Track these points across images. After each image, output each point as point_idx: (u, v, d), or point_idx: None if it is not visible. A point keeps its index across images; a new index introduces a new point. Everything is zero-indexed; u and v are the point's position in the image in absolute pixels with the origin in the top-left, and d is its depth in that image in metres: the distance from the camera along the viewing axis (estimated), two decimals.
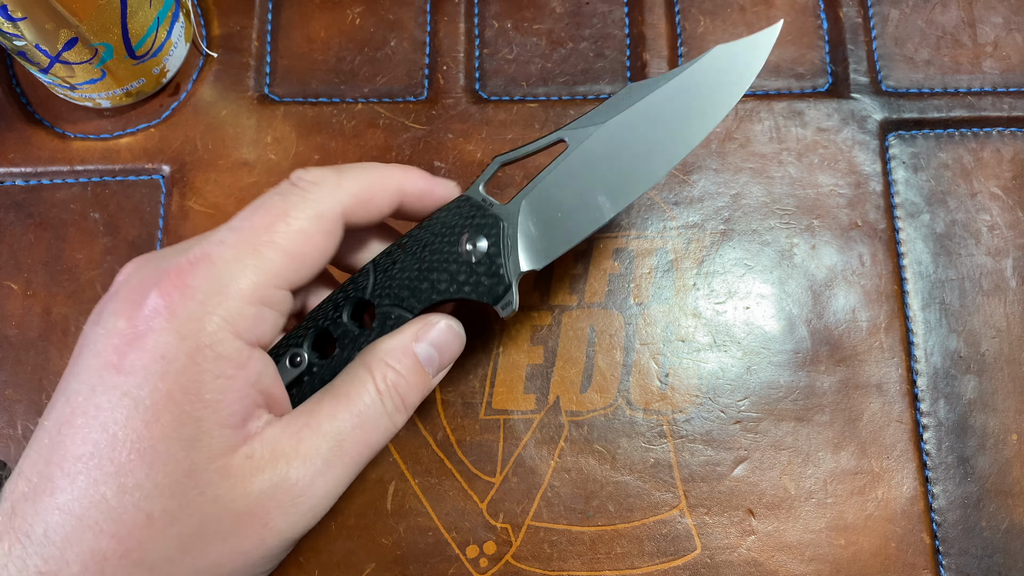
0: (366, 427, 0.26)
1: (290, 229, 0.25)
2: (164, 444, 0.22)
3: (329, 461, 0.25)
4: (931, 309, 0.38)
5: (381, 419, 0.26)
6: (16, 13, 0.32)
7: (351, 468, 0.26)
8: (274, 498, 0.24)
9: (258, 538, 0.24)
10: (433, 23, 0.41)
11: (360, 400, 0.26)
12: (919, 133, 0.40)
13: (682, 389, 0.36)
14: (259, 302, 0.24)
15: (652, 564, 0.34)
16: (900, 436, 0.36)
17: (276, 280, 0.25)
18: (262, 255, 0.25)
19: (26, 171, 0.39)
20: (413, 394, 0.27)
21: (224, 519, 0.23)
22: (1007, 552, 0.35)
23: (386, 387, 0.26)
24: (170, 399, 0.23)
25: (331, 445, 0.25)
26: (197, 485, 0.23)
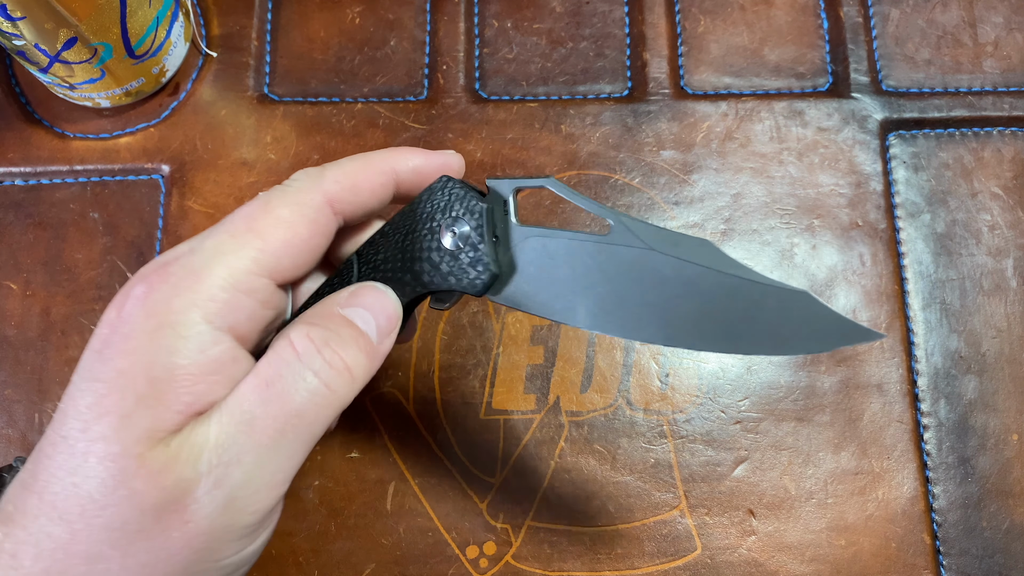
0: (281, 396, 0.23)
1: (269, 218, 0.24)
2: (104, 422, 0.22)
3: (241, 446, 0.22)
4: (932, 309, 0.37)
5: (299, 381, 0.23)
6: (15, 12, 0.32)
7: (273, 451, 0.23)
8: (188, 493, 0.22)
9: (183, 539, 0.22)
10: (433, 22, 0.41)
11: (270, 367, 0.23)
12: (920, 133, 0.40)
13: (682, 389, 0.36)
14: (233, 288, 0.23)
15: (652, 564, 0.34)
16: (901, 436, 0.36)
17: (254, 267, 0.24)
18: (240, 243, 0.24)
19: (25, 171, 0.39)
20: (350, 351, 0.24)
21: (146, 514, 0.21)
22: (1008, 552, 0.35)
23: (307, 344, 0.23)
24: (121, 375, 0.22)
25: (241, 428, 0.22)
26: (121, 472, 0.21)
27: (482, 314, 0.37)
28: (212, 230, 0.25)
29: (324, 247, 0.26)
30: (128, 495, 0.21)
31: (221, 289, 0.23)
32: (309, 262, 0.26)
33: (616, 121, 0.40)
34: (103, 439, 0.22)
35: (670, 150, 0.39)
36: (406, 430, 0.36)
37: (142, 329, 0.22)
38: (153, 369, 0.22)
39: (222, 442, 0.22)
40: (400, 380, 0.36)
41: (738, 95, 0.40)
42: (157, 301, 0.23)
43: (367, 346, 0.25)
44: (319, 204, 0.25)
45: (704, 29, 0.41)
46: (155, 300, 0.23)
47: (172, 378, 0.22)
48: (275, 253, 0.24)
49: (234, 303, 0.23)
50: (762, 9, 0.42)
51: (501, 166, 0.39)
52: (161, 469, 0.21)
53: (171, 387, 0.22)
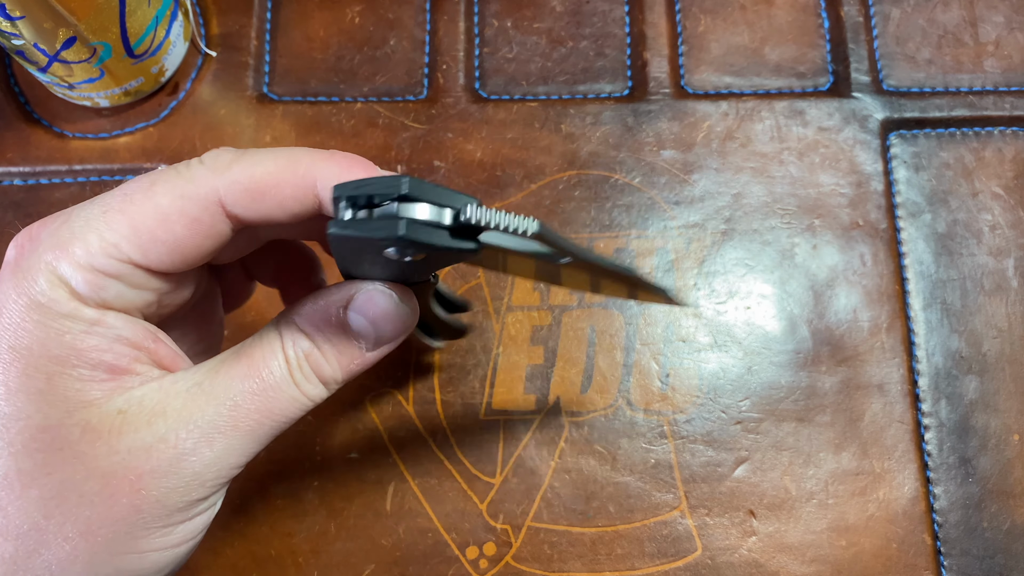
0: (268, 396, 0.23)
1: (147, 204, 0.22)
2: (11, 399, 0.21)
3: (218, 427, 0.22)
4: (932, 309, 0.37)
5: (287, 389, 0.23)
6: (14, 12, 0.32)
7: (247, 439, 0.23)
8: (148, 459, 0.21)
9: (131, 504, 0.21)
10: (433, 22, 0.41)
11: (265, 366, 0.23)
12: (920, 132, 0.40)
13: (683, 389, 0.36)
14: (95, 268, 0.22)
15: (653, 565, 0.34)
16: (901, 437, 0.36)
17: (114, 251, 0.22)
18: (109, 221, 0.22)
19: (24, 171, 0.39)
20: (333, 368, 0.24)
21: (90, 479, 0.21)
22: (1009, 553, 0.35)
23: (296, 356, 0.23)
24: (14, 353, 0.21)
25: (222, 410, 0.22)
26: (54, 441, 0.21)
27: (482, 314, 0.37)
28: (92, 200, 0.23)
29: (211, 248, 0.23)
30: (70, 459, 0.21)
31: (82, 268, 0.22)
32: (191, 260, 0.23)
33: (616, 121, 0.40)
34: (23, 414, 0.21)
35: (670, 150, 0.39)
36: (406, 430, 0.36)
37: (16, 306, 0.21)
38: (50, 347, 0.21)
39: (193, 416, 0.22)
40: (400, 380, 0.36)
41: (739, 95, 0.40)
42: (25, 274, 0.22)
43: (351, 360, 0.24)
44: (206, 203, 0.23)
45: (705, 28, 0.41)
46: (23, 273, 0.22)
47: (78, 353, 0.21)
48: (141, 244, 0.22)
49: (98, 284, 0.22)
50: (763, 8, 0.41)
51: (501, 166, 0.39)
52: (113, 432, 0.21)
53: (82, 361, 0.21)
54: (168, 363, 0.23)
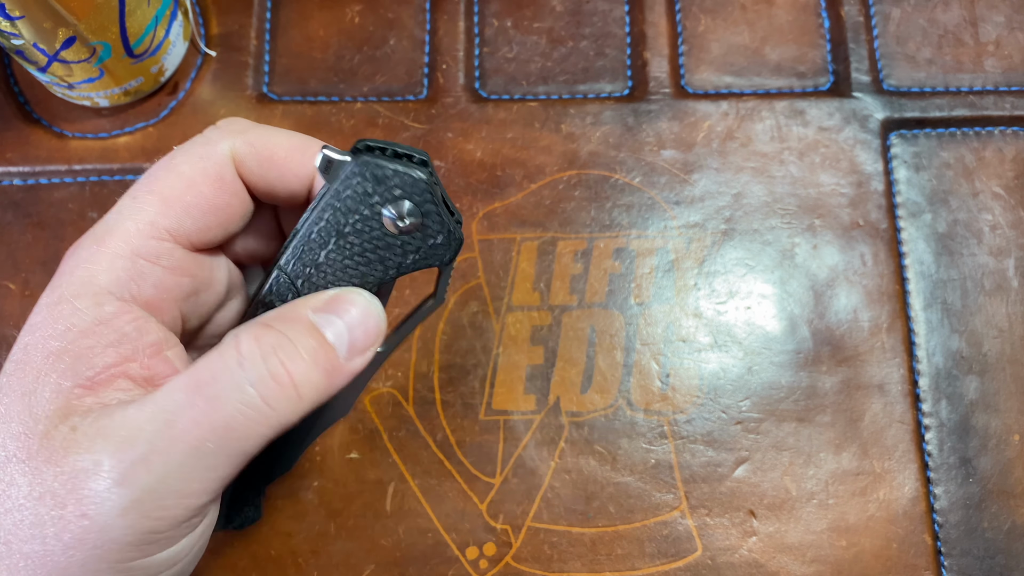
0: (211, 401, 0.20)
1: (171, 175, 0.22)
2: (6, 399, 0.20)
3: (154, 446, 0.19)
4: (933, 309, 0.37)
5: (235, 390, 0.20)
6: (14, 12, 0.32)
7: (192, 456, 0.19)
8: (80, 486, 0.19)
9: (79, 534, 0.19)
10: (433, 21, 0.41)
11: (206, 368, 0.20)
12: (921, 132, 0.40)
13: (683, 390, 0.36)
14: (132, 254, 0.21)
15: (653, 565, 0.34)
16: (902, 437, 0.36)
17: (151, 231, 0.22)
18: (139, 205, 0.22)
19: (24, 170, 0.39)
20: (302, 365, 0.20)
21: (31, 497, 0.19)
22: (1009, 553, 0.35)
23: (252, 347, 0.20)
24: (25, 351, 0.21)
25: (157, 425, 0.19)
26: (19, 451, 0.20)
27: (482, 314, 0.37)
28: (124, 195, 0.23)
29: (240, 211, 0.23)
30: (21, 474, 0.19)
31: (118, 256, 0.21)
32: (222, 224, 0.23)
33: (616, 120, 0.39)
34: (4, 421, 0.20)
35: (671, 149, 0.39)
36: (406, 430, 0.36)
37: (44, 304, 0.21)
38: (49, 342, 0.21)
39: (133, 437, 0.19)
40: (400, 380, 0.36)
41: (739, 94, 0.40)
42: (62, 274, 0.22)
43: (328, 362, 0.21)
44: (223, 160, 0.23)
45: (705, 28, 0.41)
46: (61, 274, 0.22)
47: (66, 351, 0.20)
48: (175, 214, 0.22)
49: (135, 270, 0.22)
50: (763, 8, 0.41)
51: (501, 166, 0.39)
52: (60, 449, 0.19)
53: (66, 360, 0.20)
54: (163, 382, 0.21)
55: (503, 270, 0.37)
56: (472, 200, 0.38)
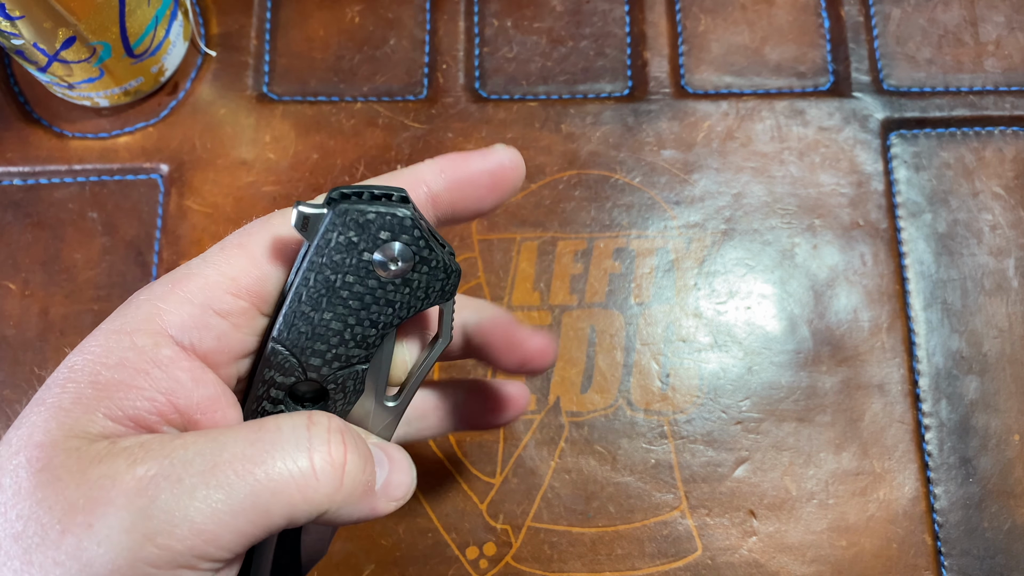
0: (267, 446, 0.19)
1: (264, 232, 0.22)
2: (43, 410, 0.20)
3: (189, 464, 0.19)
4: (933, 309, 0.37)
5: (293, 447, 0.20)
6: (14, 12, 0.32)
7: (222, 491, 0.19)
8: (112, 489, 0.18)
9: (76, 542, 0.18)
10: (433, 21, 0.41)
11: (274, 424, 0.20)
12: (921, 132, 0.40)
13: (683, 389, 0.36)
14: (204, 304, 0.21)
15: (653, 565, 0.34)
16: (902, 437, 0.36)
17: (230, 285, 0.21)
18: (225, 254, 0.22)
19: (24, 170, 0.39)
20: (358, 461, 0.21)
21: (55, 510, 0.19)
22: (1009, 553, 0.35)
23: (324, 423, 0.21)
24: (70, 374, 0.20)
25: (201, 446, 0.19)
26: (39, 461, 0.19)
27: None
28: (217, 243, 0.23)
29: None
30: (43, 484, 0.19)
31: (189, 302, 0.21)
32: None
33: (616, 120, 0.39)
34: (32, 429, 0.20)
35: (671, 149, 0.39)
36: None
37: (103, 330, 0.21)
38: (101, 371, 0.20)
39: (171, 452, 0.19)
40: None
41: (739, 94, 0.40)
42: (129, 305, 0.21)
43: (369, 479, 0.21)
44: None
45: (705, 28, 0.41)
46: (128, 304, 0.21)
47: (117, 385, 0.20)
48: (258, 275, 0.22)
49: (203, 320, 0.21)
50: (763, 8, 0.41)
51: None
52: (90, 460, 0.19)
53: (115, 396, 0.20)
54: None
55: (503, 270, 0.37)
56: None
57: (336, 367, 0.22)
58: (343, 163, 0.39)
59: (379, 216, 0.21)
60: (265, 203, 0.38)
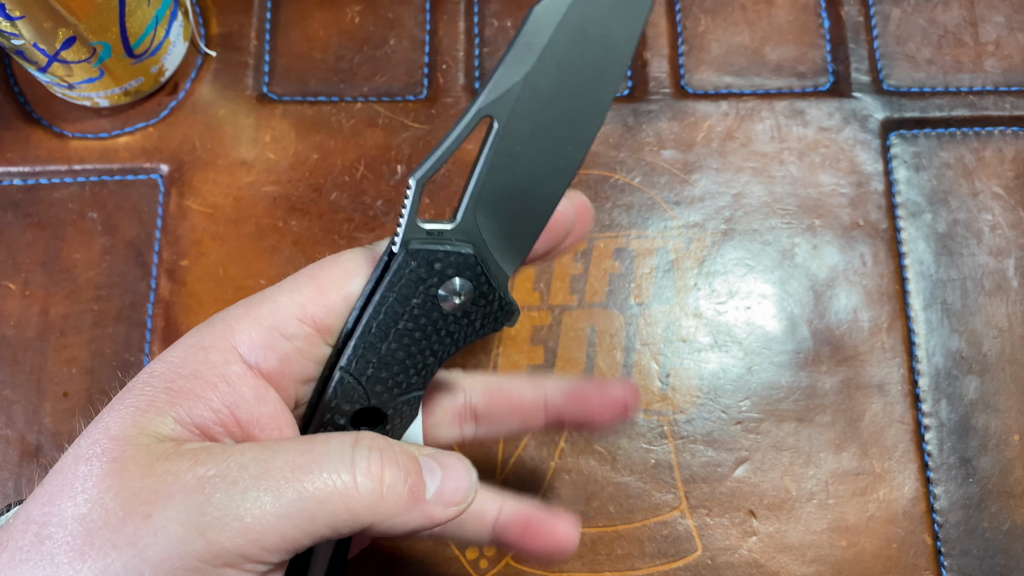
0: (314, 456, 0.21)
1: (335, 267, 0.24)
2: (121, 412, 0.22)
3: (244, 468, 0.20)
4: (933, 309, 0.37)
5: (338, 461, 0.21)
6: (14, 12, 0.32)
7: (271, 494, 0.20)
8: (173, 484, 0.20)
9: (134, 529, 0.19)
10: (433, 22, 0.41)
11: (324, 440, 0.22)
12: (921, 132, 0.40)
13: (683, 390, 0.36)
14: (273, 326, 0.23)
15: (653, 565, 0.34)
16: (902, 437, 0.36)
17: (299, 311, 0.23)
18: (297, 283, 0.24)
19: (24, 170, 0.39)
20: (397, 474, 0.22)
21: (120, 498, 0.20)
22: (1009, 553, 0.35)
23: (366, 441, 0.22)
24: (151, 376, 0.22)
25: (255, 452, 0.21)
26: (109, 453, 0.21)
27: None
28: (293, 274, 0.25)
29: None
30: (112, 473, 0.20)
31: (259, 324, 0.23)
32: None
33: (616, 120, 0.40)
34: (108, 420, 0.22)
35: (671, 149, 0.39)
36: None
37: (183, 343, 0.23)
38: (176, 380, 0.22)
39: (228, 456, 0.21)
40: None
41: (739, 94, 0.40)
42: (209, 323, 0.23)
43: (415, 489, 0.22)
44: None
45: (705, 28, 0.41)
46: (208, 323, 0.23)
47: (188, 394, 0.22)
48: (325, 304, 0.23)
49: (270, 340, 0.23)
50: (763, 8, 0.41)
51: None
52: (159, 458, 0.20)
53: (185, 403, 0.22)
54: None
55: None
56: None
57: (396, 394, 0.24)
58: (343, 163, 0.39)
59: (448, 255, 0.23)
60: (265, 203, 0.38)
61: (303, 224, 0.38)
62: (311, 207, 0.38)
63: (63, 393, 0.36)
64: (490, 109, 0.23)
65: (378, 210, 0.38)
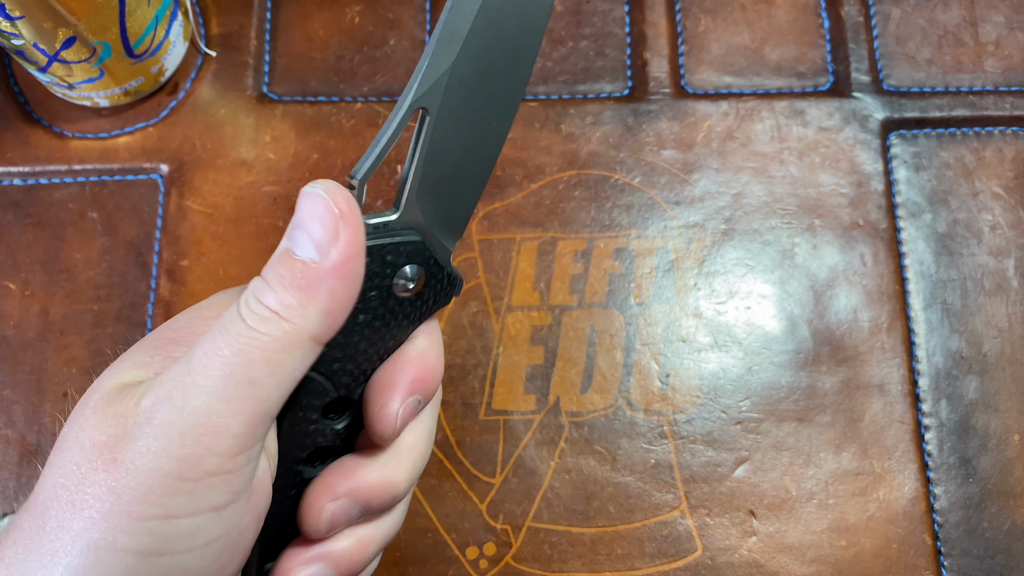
0: (216, 336, 0.21)
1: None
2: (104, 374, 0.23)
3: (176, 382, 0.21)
4: (933, 309, 0.37)
5: (234, 324, 0.21)
6: (14, 12, 0.32)
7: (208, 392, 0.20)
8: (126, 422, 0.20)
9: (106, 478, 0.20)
10: (432, 22, 0.41)
11: (219, 321, 0.22)
12: (921, 132, 0.40)
13: (683, 390, 0.36)
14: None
15: (653, 565, 0.34)
16: (902, 437, 0.36)
17: None
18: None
19: (24, 171, 0.39)
20: (273, 295, 0.21)
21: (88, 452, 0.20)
22: (1009, 553, 0.35)
23: (246, 297, 0.22)
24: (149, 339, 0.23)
25: (180, 366, 0.21)
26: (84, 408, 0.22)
27: (482, 314, 0.37)
28: None
29: None
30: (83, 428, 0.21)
31: None
32: None
33: (616, 120, 0.40)
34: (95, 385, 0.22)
35: (671, 149, 0.39)
36: None
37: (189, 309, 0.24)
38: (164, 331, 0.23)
39: (161, 380, 0.21)
40: None
41: (739, 94, 0.40)
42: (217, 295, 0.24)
43: (303, 276, 0.21)
44: None
45: (705, 28, 0.41)
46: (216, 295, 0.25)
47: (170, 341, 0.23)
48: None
49: None
50: (763, 8, 0.41)
51: (501, 166, 0.39)
52: (109, 403, 0.21)
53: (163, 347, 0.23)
54: None
55: (503, 270, 0.37)
56: None
57: (362, 380, 0.24)
58: (343, 163, 0.39)
59: (395, 246, 0.23)
60: (265, 203, 0.38)
61: None
62: None
63: (63, 393, 0.36)
64: (423, 101, 0.24)
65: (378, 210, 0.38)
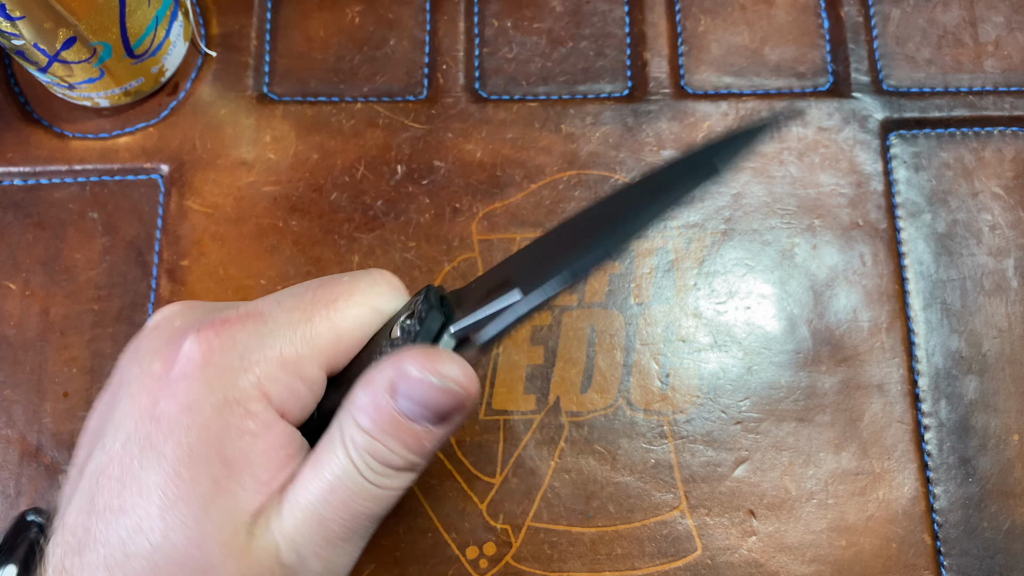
0: (345, 497, 0.22)
1: (349, 311, 0.24)
2: (182, 507, 0.21)
3: (316, 542, 0.22)
4: (932, 309, 0.37)
5: (361, 486, 0.22)
6: (14, 12, 0.32)
7: (345, 542, 0.23)
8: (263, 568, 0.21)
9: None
10: (433, 22, 0.41)
11: (330, 465, 0.22)
12: (920, 132, 0.40)
13: (683, 389, 0.36)
14: (296, 374, 0.23)
15: (653, 565, 0.34)
16: (901, 437, 0.36)
17: (319, 357, 0.23)
18: (314, 327, 0.23)
19: (24, 171, 0.39)
20: (402, 455, 0.23)
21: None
22: (1008, 553, 0.35)
23: (356, 452, 0.22)
24: (192, 454, 0.21)
25: (312, 525, 0.22)
26: (206, 563, 0.21)
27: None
28: (285, 298, 0.24)
29: None
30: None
31: (284, 371, 0.22)
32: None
33: (616, 121, 0.40)
34: (183, 526, 0.21)
35: (671, 150, 0.39)
36: None
37: (207, 403, 0.21)
38: (225, 449, 0.21)
39: (297, 535, 0.22)
40: None
41: (738, 95, 0.40)
42: (221, 370, 0.22)
43: (421, 441, 0.23)
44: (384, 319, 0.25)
45: (704, 28, 0.41)
46: (219, 368, 0.22)
47: (246, 459, 0.21)
48: (339, 349, 0.24)
49: (292, 388, 0.23)
50: (763, 8, 0.41)
51: (501, 166, 0.39)
52: (247, 558, 0.21)
53: (246, 469, 0.21)
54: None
55: None
56: (472, 200, 0.38)
57: None
58: (343, 163, 0.39)
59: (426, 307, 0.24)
60: (265, 203, 0.38)
61: (303, 224, 0.38)
62: (311, 207, 0.38)
63: (63, 393, 0.36)
64: (527, 292, 0.23)
65: (378, 210, 0.38)
